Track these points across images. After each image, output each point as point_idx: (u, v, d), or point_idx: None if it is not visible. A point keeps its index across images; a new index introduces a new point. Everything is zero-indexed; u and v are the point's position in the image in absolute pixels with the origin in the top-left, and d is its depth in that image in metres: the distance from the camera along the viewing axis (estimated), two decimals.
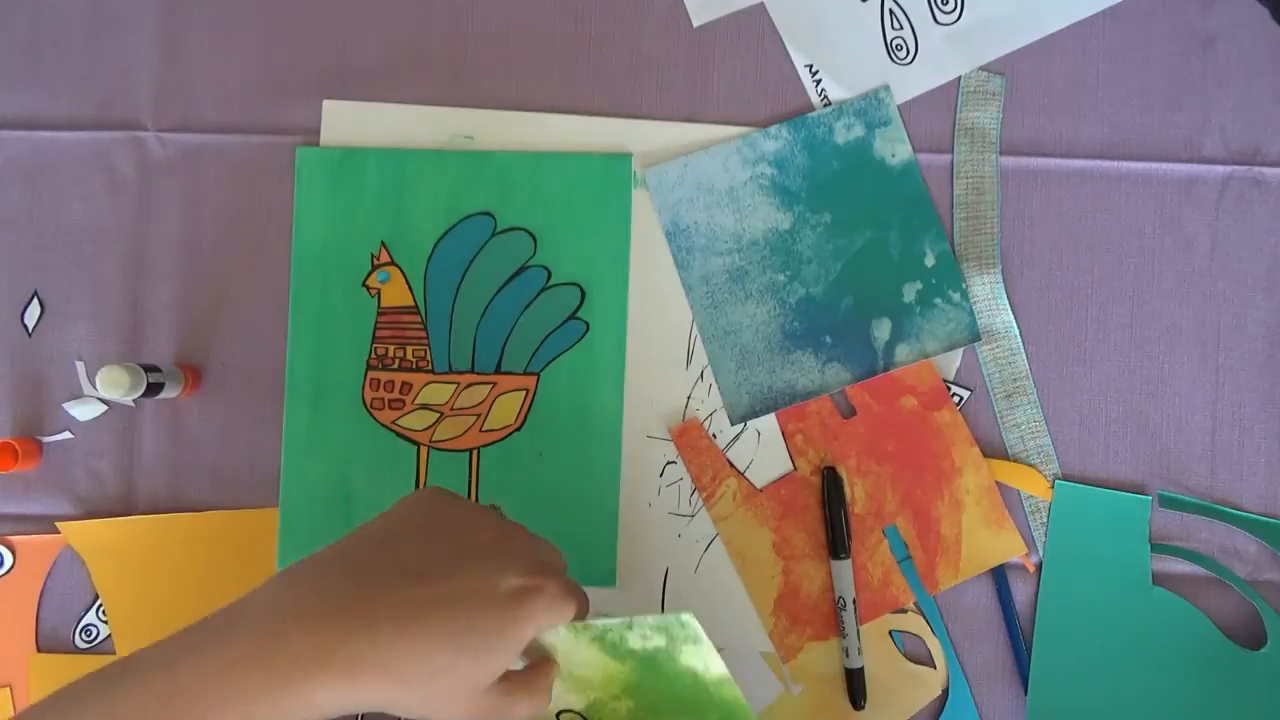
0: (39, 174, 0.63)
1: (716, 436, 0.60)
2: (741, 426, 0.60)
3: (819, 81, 0.62)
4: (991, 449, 0.60)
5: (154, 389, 0.58)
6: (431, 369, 0.61)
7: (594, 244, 0.61)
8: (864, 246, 0.61)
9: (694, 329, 0.61)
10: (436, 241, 0.61)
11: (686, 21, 0.62)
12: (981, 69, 0.61)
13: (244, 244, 0.63)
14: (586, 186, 0.61)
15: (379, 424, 0.61)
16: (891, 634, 0.60)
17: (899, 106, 0.61)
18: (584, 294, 0.61)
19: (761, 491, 0.60)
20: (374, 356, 0.61)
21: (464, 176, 0.61)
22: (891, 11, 0.62)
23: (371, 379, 0.61)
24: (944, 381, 0.60)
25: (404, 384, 0.61)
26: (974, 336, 0.60)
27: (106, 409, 0.62)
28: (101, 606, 0.61)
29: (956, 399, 0.60)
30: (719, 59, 0.62)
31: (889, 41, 0.62)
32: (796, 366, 0.60)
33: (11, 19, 0.64)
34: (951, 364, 0.60)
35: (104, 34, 0.64)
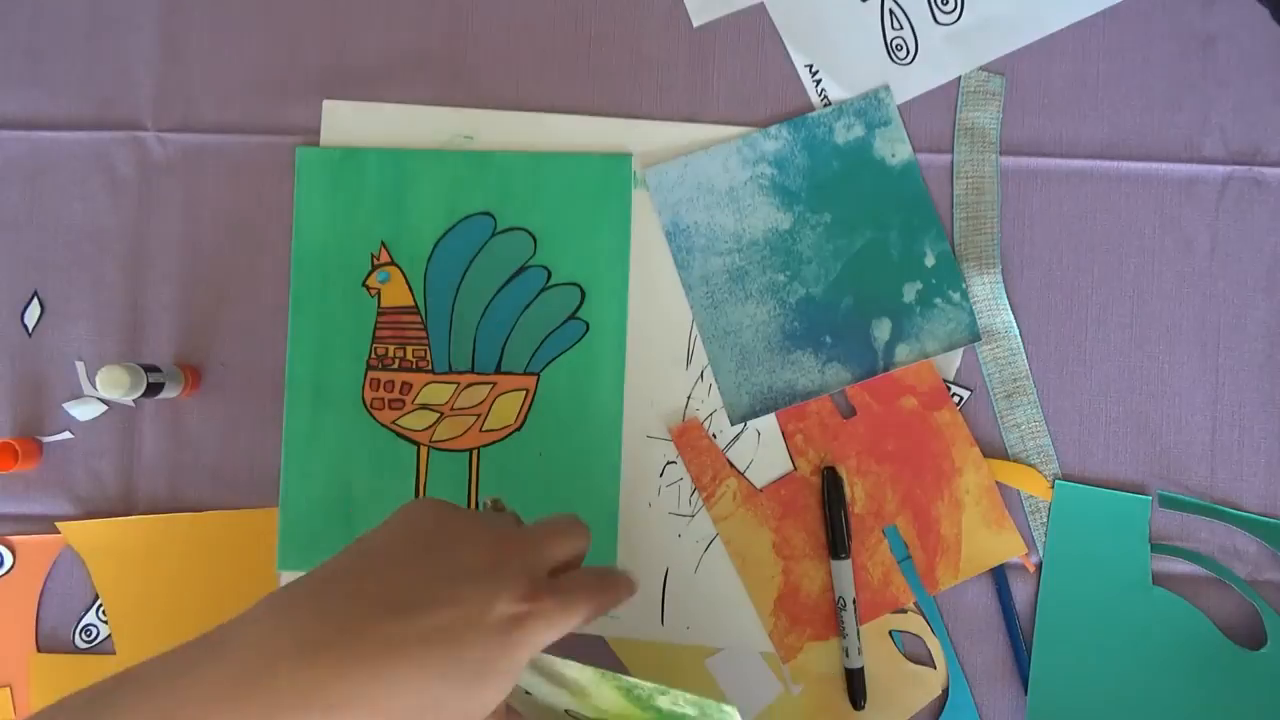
0: (39, 174, 0.63)
1: (716, 436, 0.60)
2: (741, 426, 0.60)
3: (819, 81, 0.62)
4: (991, 449, 0.60)
5: (154, 389, 0.58)
6: (431, 369, 0.61)
7: (594, 244, 0.61)
8: (864, 246, 0.61)
9: (694, 329, 0.61)
10: (436, 241, 0.61)
11: (686, 21, 0.62)
12: (981, 69, 0.61)
13: (244, 244, 0.63)
14: (586, 186, 0.61)
15: (379, 424, 0.61)
16: (891, 634, 0.60)
17: (899, 106, 0.61)
18: (584, 294, 0.61)
19: (761, 491, 0.60)
20: (374, 356, 0.61)
21: (464, 176, 0.61)
22: (891, 11, 0.62)
23: (371, 379, 0.61)
24: (944, 381, 0.60)
25: (404, 384, 0.61)
26: (974, 336, 0.60)
27: (106, 409, 0.62)
28: (101, 606, 0.61)
29: (956, 399, 0.60)
30: (719, 59, 0.62)
31: (889, 41, 0.62)
32: (796, 366, 0.60)
33: (11, 19, 0.64)
34: (951, 364, 0.60)
35: (104, 34, 0.64)
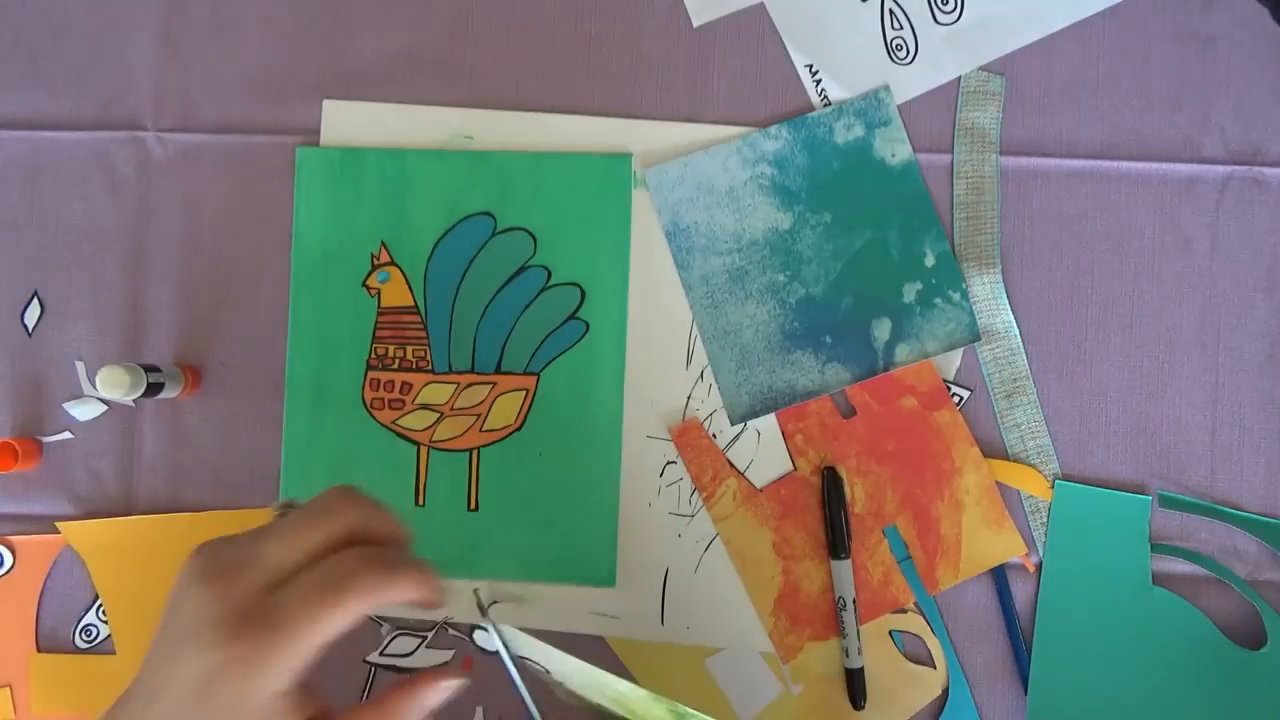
0: (39, 174, 0.63)
1: (716, 436, 0.60)
2: (741, 426, 0.60)
3: (819, 81, 0.62)
4: (991, 449, 0.60)
5: (154, 389, 0.58)
6: (431, 369, 0.61)
7: (594, 244, 0.61)
8: (864, 246, 0.61)
9: (694, 329, 0.61)
10: (436, 241, 0.61)
11: (686, 21, 0.62)
12: (981, 69, 0.61)
13: (244, 244, 0.63)
14: (586, 186, 0.61)
15: (379, 424, 0.61)
16: (891, 634, 0.60)
17: (899, 106, 0.61)
18: (584, 294, 0.61)
19: (761, 491, 0.60)
20: (374, 356, 0.61)
21: (464, 176, 0.61)
22: (891, 11, 0.62)
23: (371, 379, 0.61)
24: (944, 381, 0.60)
25: (404, 384, 0.61)
26: (974, 336, 0.60)
27: (106, 409, 0.62)
28: (101, 606, 0.61)
29: (956, 399, 0.60)
30: (719, 59, 0.62)
31: (889, 41, 0.62)
32: (796, 366, 0.60)
33: (11, 19, 0.64)
34: (951, 364, 0.60)
35: (104, 34, 0.64)
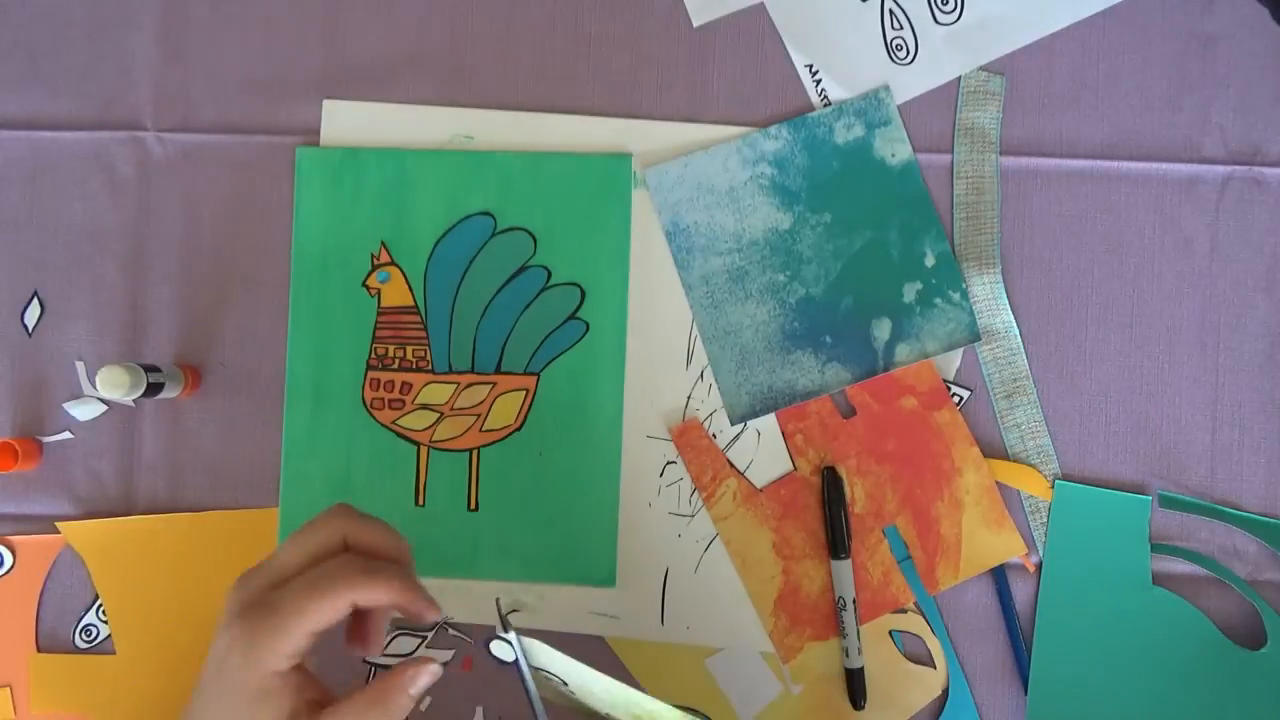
0: (39, 174, 0.63)
1: (716, 436, 0.60)
2: (741, 426, 0.60)
3: (819, 81, 0.62)
4: (991, 449, 0.60)
5: (154, 389, 0.58)
6: (431, 369, 0.61)
7: (594, 244, 0.61)
8: (864, 246, 0.61)
9: (694, 329, 0.61)
10: (436, 241, 0.61)
11: (686, 21, 0.62)
12: (981, 69, 0.61)
13: (244, 244, 0.63)
14: (586, 186, 0.61)
15: (379, 424, 0.61)
16: (891, 634, 0.60)
17: (899, 106, 0.61)
18: (584, 294, 0.61)
19: (761, 491, 0.60)
20: (374, 356, 0.61)
21: (464, 176, 0.61)
22: (891, 11, 0.62)
23: (371, 379, 0.61)
24: (944, 381, 0.60)
25: (404, 384, 0.61)
26: (974, 336, 0.60)
27: (106, 409, 0.62)
28: (101, 606, 0.61)
29: (956, 399, 0.60)
30: (719, 59, 0.62)
31: (889, 41, 0.62)
32: (796, 366, 0.60)
33: (11, 19, 0.64)
34: (951, 364, 0.60)
35: (104, 34, 0.64)
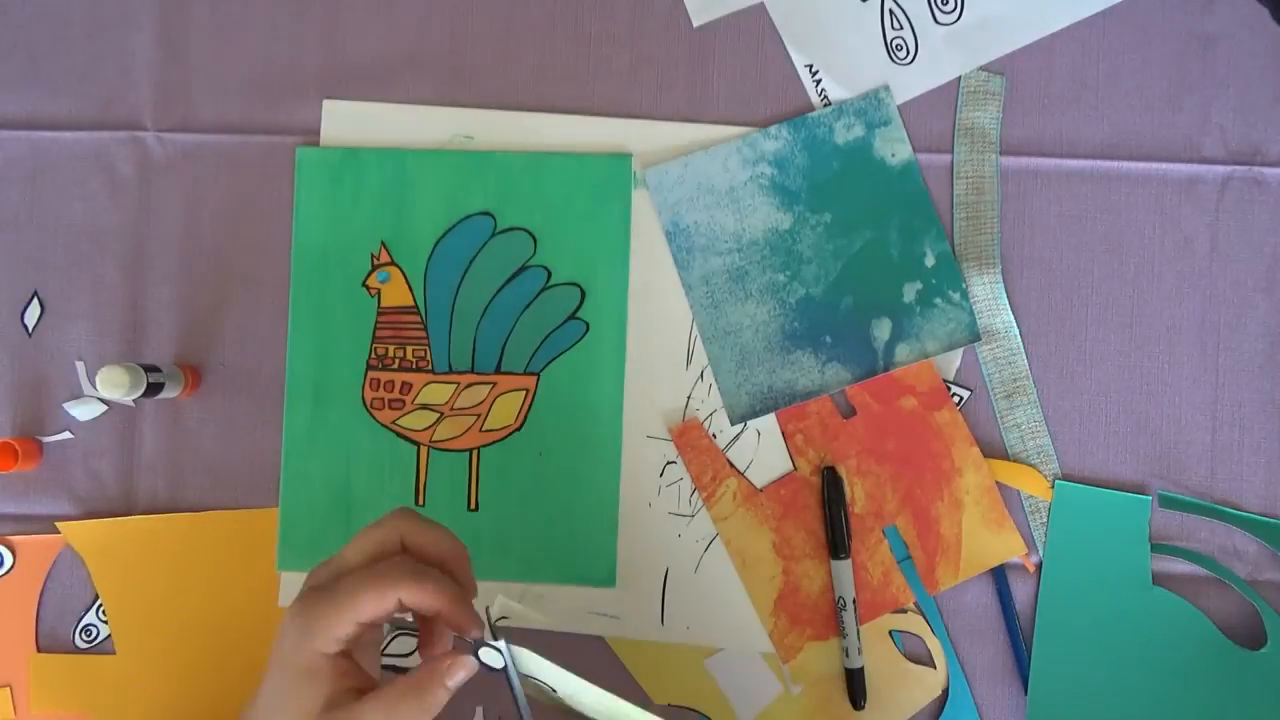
0: (39, 174, 0.63)
1: (716, 436, 0.60)
2: (741, 426, 0.60)
3: (819, 81, 0.62)
4: (991, 449, 0.60)
5: (154, 389, 0.58)
6: (431, 369, 0.61)
7: (594, 244, 0.61)
8: (864, 246, 0.61)
9: (694, 329, 0.61)
10: (436, 241, 0.61)
11: (686, 21, 0.62)
12: (981, 69, 0.61)
13: (244, 244, 0.63)
14: (586, 186, 0.61)
15: (379, 424, 0.61)
16: (891, 634, 0.60)
17: (899, 106, 0.61)
18: (584, 294, 0.61)
19: (761, 491, 0.60)
20: (374, 356, 0.61)
21: (464, 176, 0.61)
22: (891, 11, 0.62)
23: (371, 379, 0.61)
24: (944, 381, 0.60)
25: (404, 384, 0.61)
26: (974, 336, 0.60)
27: (106, 409, 0.62)
28: (101, 606, 0.61)
29: (956, 399, 0.60)
30: (719, 59, 0.62)
31: (889, 41, 0.62)
32: (796, 366, 0.60)
33: (11, 19, 0.64)
34: (951, 364, 0.60)
35: (104, 34, 0.64)
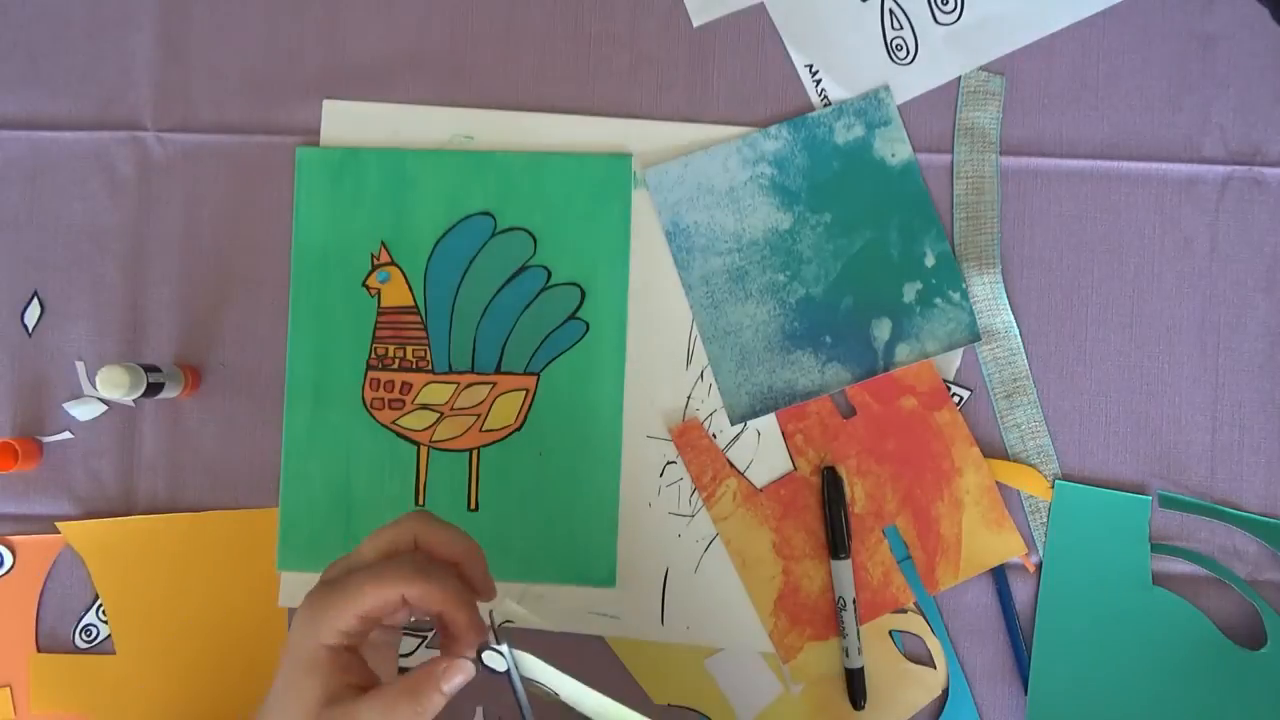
0: (39, 174, 0.63)
1: (716, 436, 0.60)
2: (741, 426, 0.60)
3: (819, 81, 0.62)
4: (991, 449, 0.60)
5: (154, 389, 0.58)
6: (431, 369, 0.61)
7: (594, 244, 0.61)
8: (864, 246, 0.61)
9: (694, 329, 0.61)
10: (436, 241, 0.61)
11: (686, 21, 0.62)
12: (981, 69, 0.61)
13: (244, 244, 0.63)
14: (586, 186, 0.61)
15: (379, 424, 0.61)
16: (891, 634, 0.60)
17: (899, 106, 0.61)
18: (584, 294, 0.61)
19: (761, 491, 0.60)
20: (374, 356, 0.61)
21: (464, 176, 0.61)
22: (891, 11, 0.62)
23: (371, 379, 0.61)
24: (944, 381, 0.60)
25: (404, 384, 0.61)
26: (974, 336, 0.60)
27: (106, 409, 0.62)
28: (101, 606, 0.61)
29: (956, 399, 0.60)
30: (719, 59, 0.62)
31: (889, 41, 0.62)
32: (796, 366, 0.60)
33: (11, 19, 0.64)
34: (951, 364, 0.60)
35: (104, 34, 0.64)
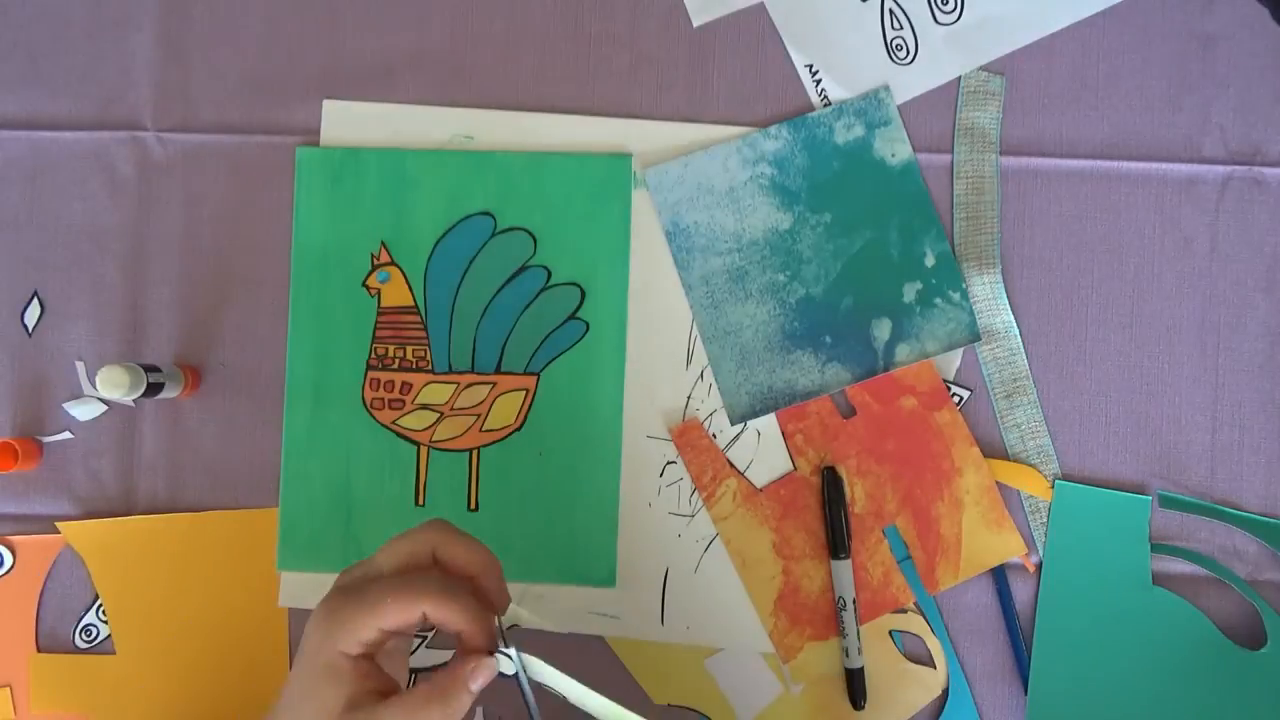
0: (39, 174, 0.63)
1: (716, 436, 0.60)
2: (741, 426, 0.60)
3: (819, 81, 0.62)
4: (991, 449, 0.60)
5: (154, 389, 0.58)
6: (431, 369, 0.61)
7: (594, 244, 0.61)
8: (864, 246, 0.61)
9: (694, 329, 0.61)
10: (436, 241, 0.61)
11: (686, 21, 0.62)
12: (981, 69, 0.61)
13: (244, 244, 0.63)
14: (586, 186, 0.61)
15: (379, 424, 0.61)
16: (891, 634, 0.60)
17: (899, 106, 0.61)
18: (584, 294, 0.61)
19: (761, 491, 0.60)
20: (374, 356, 0.61)
21: (464, 176, 0.61)
22: (891, 11, 0.62)
23: (371, 379, 0.61)
24: (944, 381, 0.60)
25: (404, 384, 0.61)
26: (974, 336, 0.60)
27: (106, 409, 0.62)
28: (101, 606, 0.61)
29: (956, 399, 0.60)
30: (719, 59, 0.62)
31: (889, 41, 0.62)
32: (796, 366, 0.60)
33: (11, 19, 0.64)
34: (951, 364, 0.60)
35: (104, 34, 0.64)
